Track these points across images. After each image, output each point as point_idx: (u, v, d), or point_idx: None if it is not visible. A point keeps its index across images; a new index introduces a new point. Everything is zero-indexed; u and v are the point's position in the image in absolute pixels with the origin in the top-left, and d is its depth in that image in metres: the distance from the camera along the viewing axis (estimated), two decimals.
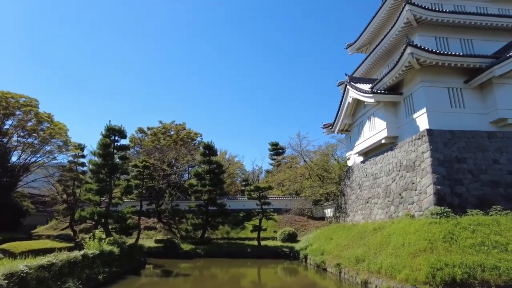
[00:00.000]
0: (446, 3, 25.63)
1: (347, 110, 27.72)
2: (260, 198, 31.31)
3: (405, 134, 21.74)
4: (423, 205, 17.42)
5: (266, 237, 33.89)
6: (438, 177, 17.57)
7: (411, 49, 19.11)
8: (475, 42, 23.76)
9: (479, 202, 17.09)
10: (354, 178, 28.47)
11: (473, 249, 12.57)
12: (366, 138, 25.82)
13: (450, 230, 13.89)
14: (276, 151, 64.01)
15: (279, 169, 50.55)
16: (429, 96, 20.14)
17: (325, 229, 29.40)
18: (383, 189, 22.45)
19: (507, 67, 19.00)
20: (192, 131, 53.57)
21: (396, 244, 14.94)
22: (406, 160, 20.55)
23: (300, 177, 42.51)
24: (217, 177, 35.28)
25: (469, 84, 20.53)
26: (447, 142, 19.07)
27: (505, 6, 26.40)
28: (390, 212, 20.56)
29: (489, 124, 20.06)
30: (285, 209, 39.71)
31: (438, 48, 22.63)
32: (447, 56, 19.76)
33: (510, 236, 13.16)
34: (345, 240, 21.00)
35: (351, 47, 33.95)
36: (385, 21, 28.31)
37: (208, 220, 33.52)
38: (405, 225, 16.18)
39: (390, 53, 26.40)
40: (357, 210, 25.86)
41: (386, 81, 22.41)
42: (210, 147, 35.29)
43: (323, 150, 44.47)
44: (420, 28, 23.15)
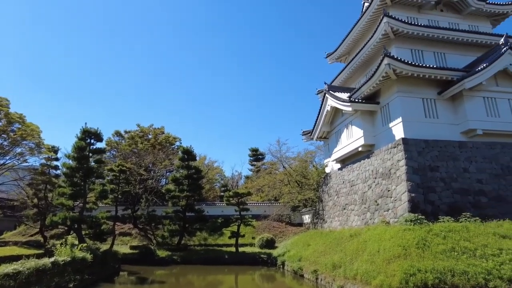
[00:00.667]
0: (421, 17, 26.69)
1: (325, 118, 28.19)
2: (239, 204, 31.18)
3: (381, 142, 22.32)
4: (398, 212, 17.87)
5: (244, 243, 33.71)
6: (412, 185, 18.10)
7: (388, 60, 19.73)
8: (447, 55, 24.83)
9: (450, 209, 17.70)
10: (332, 185, 28.88)
11: (444, 255, 12.98)
12: (343, 145, 26.31)
13: (423, 236, 14.29)
14: (256, 157, 64.05)
15: (259, 175, 50.57)
16: (404, 106, 20.81)
17: (303, 235, 29.60)
18: (360, 196, 22.88)
19: (476, 80, 19.94)
20: (171, 135, 52.88)
21: (372, 250, 15.21)
22: (382, 168, 21.06)
23: (279, 183, 42.69)
24: (196, 182, 34.89)
25: (442, 95, 21.39)
26: (421, 151, 19.72)
27: (475, 23, 27.77)
28: (366, 218, 20.96)
29: (460, 134, 20.94)
30: (264, 215, 39.72)
31: (414, 60, 23.49)
32: (421, 68, 20.53)
33: (478, 242, 13.69)
34: (322, 246, 21.20)
35: (330, 56, 34.66)
36: (364, 32, 29.13)
37: (185, 226, 33.03)
38: (381, 232, 16.52)
39: (368, 63, 27.12)
40: (334, 216, 26.21)
41: (364, 91, 23.00)
42: (189, 152, 34.89)
43: (302, 157, 44.93)
44: (397, 40, 23.96)
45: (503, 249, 13.11)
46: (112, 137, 52.12)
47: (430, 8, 26.93)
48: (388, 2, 25.80)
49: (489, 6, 27.34)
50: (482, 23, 28.11)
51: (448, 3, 27.20)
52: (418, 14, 26.84)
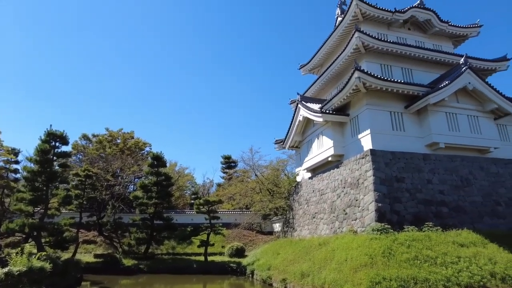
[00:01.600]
0: (391, 34, 27.94)
1: (297, 128, 28.63)
2: (209, 212, 30.78)
3: (351, 153, 22.93)
4: (365, 221, 18.33)
5: (213, 252, 33.26)
6: (379, 195, 18.66)
7: (358, 73, 20.41)
8: (414, 71, 26.06)
9: (414, 219, 18.39)
10: (302, 194, 29.23)
11: (408, 263, 13.44)
12: (314, 155, 26.77)
13: (389, 245, 14.73)
14: (229, 165, 63.77)
15: (231, 183, 50.34)
16: (373, 119, 21.56)
17: (272, 244, 29.61)
18: (329, 205, 23.29)
19: (439, 96, 21.05)
20: (140, 140, 51.65)
21: (340, 259, 15.47)
22: (351, 178, 21.60)
23: (251, 191, 42.68)
24: (165, 189, 34.16)
25: (409, 109, 22.37)
26: (388, 162, 20.43)
27: (438, 42, 29.42)
28: (335, 227, 21.33)
29: (425, 147, 21.94)
30: (235, 223, 39.45)
31: (383, 75, 24.45)
32: (390, 82, 21.41)
33: (439, 250, 14.31)
34: (291, 255, 21.29)
35: (304, 68, 35.38)
36: (336, 45, 30.03)
37: (153, 235, 32.15)
38: (348, 241, 16.86)
39: (339, 76, 27.91)
40: (304, 225, 26.47)
41: (335, 102, 23.62)
42: (159, 158, 34.17)
43: (274, 165, 45.24)
44: (368, 55, 24.88)
45: (461, 257, 13.79)
46: (79, 140, 50.25)
47: (398, 26, 28.26)
48: (360, 18, 26.80)
49: (451, 28, 29.08)
50: (445, 43, 29.84)
51: (415, 22, 28.66)
52: (387, 31, 28.08)
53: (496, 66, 27.33)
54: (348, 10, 26.85)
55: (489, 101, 22.87)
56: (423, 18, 28.11)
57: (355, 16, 26.65)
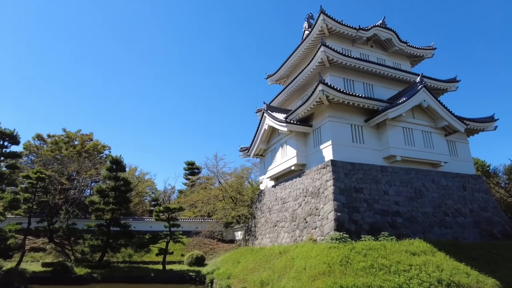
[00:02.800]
0: (354, 50, 29.17)
1: (263, 136, 28.88)
2: (169, 219, 29.97)
3: (313, 162, 23.45)
4: (325, 230, 18.72)
5: (172, 260, 32.37)
6: (338, 204, 19.18)
7: (322, 86, 21.04)
8: (375, 87, 27.32)
9: (371, 228, 19.07)
10: (265, 202, 29.37)
11: (364, 271, 13.85)
12: (278, 163, 27.08)
13: (346, 254, 15.13)
14: (192, 171, 62.78)
15: (193, 190, 49.47)
16: (334, 130, 22.26)
17: (233, 252, 29.36)
18: (290, 213, 23.57)
19: (397, 112, 22.18)
20: (99, 143, 49.50)
21: (299, 267, 15.62)
22: (312, 187, 22.05)
23: (214, 199, 42.19)
24: (123, 195, 32.86)
25: (368, 123, 23.34)
26: (348, 173, 21.11)
27: (398, 61, 31.17)
28: (295, 236, 21.57)
29: (383, 159, 22.96)
30: (195, 231, 38.75)
31: (346, 89, 25.39)
32: (352, 96, 22.26)
33: (393, 259, 14.90)
34: (252, 263, 21.20)
35: (271, 78, 35.92)
36: (302, 58, 30.82)
37: (109, 242, 30.69)
38: (308, 249, 17.10)
39: (304, 87, 28.60)
40: (266, 233, 26.55)
41: (299, 113, 24.13)
42: (118, 162, 32.88)
43: (238, 173, 45.15)
44: (332, 69, 25.75)
45: (413, 265, 14.47)
46: (32, 140, 47.18)
47: (362, 43, 29.60)
48: (326, 33, 27.76)
49: (409, 48, 30.95)
50: (404, 61, 31.66)
51: (377, 40, 30.17)
52: (352, 47, 29.30)
53: (447, 86, 29.38)
54: (315, 24, 27.72)
55: (441, 118, 24.46)
56: (385, 37, 29.66)
57: (322, 30, 27.56)
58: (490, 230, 23.27)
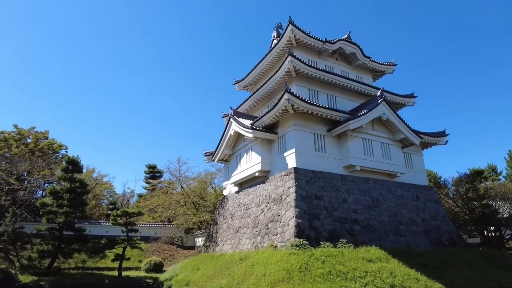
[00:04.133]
0: (320, 62, 30.07)
1: (228, 141, 28.80)
2: (127, 224, 28.85)
3: (276, 169, 23.73)
4: (285, 236, 18.92)
5: (129, 267, 31.12)
6: (299, 211, 19.50)
7: (288, 95, 21.45)
8: (338, 98, 28.27)
9: (330, 235, 19.54)
10: (228, 208, 29.20)
11: (322, 278, 14.13)
12: (242, 169, 27.10)
13: (306, 261, 15.37)
14: (153, 174, 61.07)
15: (154, 194, 48.06)
16: (298, 139, 22.72)
17: (193, 258, 28.82)
18: (253, 219, 23.60)
19: (358, 123, 23.08)
20: (55, 142, 46.82)
21: (259, 274, 15.63)
22: (275, 194, 22.27)
23: (175, 204, 41.20)
24: (79, 197, 31.15)
25: (331, 132, 24.07)
26: (310, 180, 21.58)
27: (361, 74, 32.53)
28: (256, 242, 21.61)
29: (343, 168, 23.72)
30: (155, 237, 37.63)
31: (310, 99, 26.04)
32: (316, 106, 22.87)
33: (350, 266, 15.36)
34: (211, 270, 20.93)
35: (238, 84, 36.04)
36: (270, 66, 31.27)
37: (61, 247, 28.92)
38: (268, 256, 17.18)
39: (271, 95, 28.97)
40: (227, 239, 26.35)
41: (265, 120, 24.39)
42: (75, 163, 31.19)
43: (202, 178, 44.55)
44: (298, 79, 26.33)
45: (368, 271, 14.98)
46: None
47: (328, 55, 30.59)
48: (294, 43, 28.40)
49: (372, 63, 32.43)
50: (366, 75, 33.10)
51: (342, 54, 31.32)
52: (318, 58, 30.18)
53: (405, 101, 31.06)
54: (283, 34, 28.28)
55: (398, 131, 25.76)
56: (349, 51, 30.87)
57: (290, 41, 28.17)
58: (439, 238, 24.71)
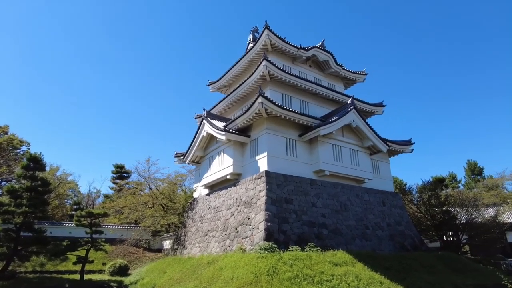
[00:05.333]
0: (294, 68, 30.51)
1: (200, 143, 28.50)
2: (91, 225, 27.77)
3: (248, 172, 23.75)
4: (255, 240, 18.94)
5: (92, 270, 29.98)
6: (269, 214, 19.60)
7: (262, 99, 21.59)
8: (310, 104, 28.78)
9: (299, 239, 19.77)
10: (197, 210, 28.84)
11: (290, 281, 14.24)
12: (214, 172, 26.89)
13: (274, 264, 15.43)
14: (121, 175, 59.35)
15: (121, 195, 46.64)
16: (271, 142, 22.89)
17: (160, 261, 28.18)
18: (222, 222, 23.45)
19: (328, 129, 23.59)
20: (16, 138, 44.33)
21: (226, 277, 15.52)
22: (245, 197, 22.26)
23: (143, 206, 40.18)
24: (41, 196, 29.58)
25: (302, 137, 24.44)
26: (280, 184, 21.77)
27: (333, 82, 33.32)
28: (225, 245, 21.47)
29: (313, 173, 24.14)
30: (120, 239, 36.48)
31: (283, 104, 26.34)
32: (288, 111, 23.15)
33: (317, 269, 15.59)
34: (178, 273, 20.55)
35: (213, 85, 35.78)
36: (245, 69, 31.32)
37: (18, 249, 27.34)
38: (237, 259, 17.10)
39: (245, 98, 29.01)
40: (196, 242, 26.01)
41: (238, 123, 24.38)
42: (37, 160, 29.66)
43: (172, 179, 43.78)
44: (272, 83, 26.56)
45: (335, 275, 15.27)
46: None
47: (302, 61, 31.09)
48: (269, 48, 28.65)
49: (344, 71, 33.31)
50: (338, 83, 33.94)
51: (316, 61, 31.96)
52: (292, 64, 30.61)
53: (374, 109, 32.12)
54: (259, 38, 28.47)
55: (367, 138, 26.57)
56: (323, 58, 31.55)
57: (265, 45, 28.40)
58: (402, 242, 25.66)
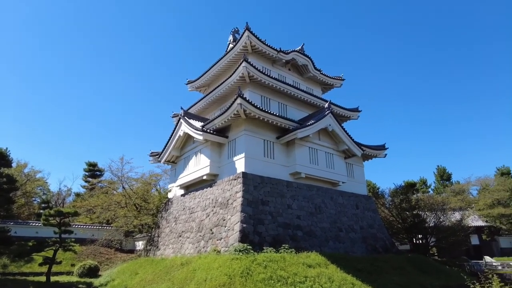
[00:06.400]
0: (274, 70, 30.70)
1: (177, 142, 28.09)
2: (60, 225, 26.72)
3: (225, 173, 23.63)
4: (229, 241, 18.86)
5: (60, 271, 28.84)
6: (245, 216, 19.58)
7: (240, 100, 21.57)
8: (289, 107, 29.03)
9: (274, 240, 19.85)
10: (172, 211, 28.40)
11: (263, 283, 14.27)
12: (190, 172, 26.58)
13: (248, 265, 15.42)
14: (93, 173, 57.65)
15: (93, 194, 45.17)
16: (248, 144, 22.89)
17: (132, 262, 27.49)
18: (197, 223, 23.20)
19: (306, 132, 23.88)
20: None
21: (200, 279, 15.36)
22: (222, 198, 22.14)
23: (116, 205, 39.08)
24: (6, 194, 28.41)
25: (280, 140, 24.60)
26: (257, 186, 21.80)
27: (311, 86, 33.77)
28: (200, 247, 21.25)
29: (289, 175, 24.34)
30: (91, 239, 35.33)
31: (262, 106, 26.43)
32: (267, 113, 23.25)
33: (291, 271, 15.71)
34: (151, 275, 20.13)
35: (191, 84, 35.41)
36: (225, 69, 31.20)
37: None
38: (211, 261, 16.96)
39: (224, 98, 28.87)
40: (169, 243, 25.59)
41: (216, 123, 24.24)
42: (2, 155, 28.44)
43: (146, 179, 42.86)
44: (251, 85, 26.59)
45: (308, 276, 15.44)
46: None
47: (281, 64, 31.33)
48: (249, 50, 28.68)
49: (322, 76, 33.84)
50: (316, 87, 34.44)
51: (295, 64, 32.27)
52: (271, 67, 30.77)
53: (350, 114, 32.81)
54: (239, 39, 28.45)
55: (342, 142, 27.09)
56: (302, 62, 31.91)
57: (245, 47, 28.41)
58: (374, 245, 26.31)
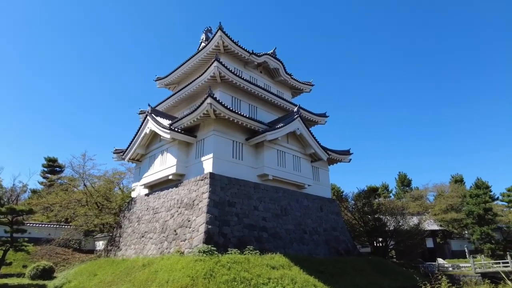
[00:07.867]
0: (246, 72, 30.75)
1: (142, 140, 27.33)
2: (12, 223, 25.13)
3: (192, 173, 23.30)
4: (194, 242, 18.59)
5: (10, 273, 27.02)
6: (211, 217, 19.40)
7: (211, 100, 21.39)
8: (259, 109, 29.18)
9: (239, 242, 19.81)
10: (135, 211, 27.58)
11: (226, 284, 14.19)
12: (156, 171, 25.95)
13: (211, 267, 15.28)
14: (53, 169, 54.68)
15: (51, 191, 42.81)
16: (217, 144, 22.73)
17: (91, 263, 26.37)
18: (161, 224, 22.69)
19: (274, 135, 24.10)
20: None
21: (162, 280, 15.01)
22: (187, 198, 21.80)
23: (75, 203, 37.32)
24: None
25: (249, 141, 24.65)
26: (224, 187, 21.68)
27: (282, 90, 34.21)
28: (163, 248, 20.78)
29: (257, 177, 24.43)
30: (48, 239, 33.46)
31: (233, 107, 26.37)
32: (237, 115, 23.22)
33: (255, 272, 15.74)
34: (110, 276, 19.41)
35: (160, 81, 34.63)
36: (196, 68, 30.83)
37: None
38: (173, 262, 16.64)
39: (194, 97, 28.50)
40: (131, 244, 24.82)
41: (185, 122, 23.87)
42: None
43: (109, 177, 41.25)
44: (222, 85, 26.46)
45: (271, 278, 15.54)
46: None
47: (253, 67, 31.44)
48: (222, 50, 28.53)
49: (292, 80, 34.35)
50: (286, 91, 34.90)
51: (267, 67, 32.54)
52: (243, 68, 30.80)
53: (318, 119, 33.53)
54: (212, 39, 28.23)
55: (309, 146, 27.59)
56: (273, 66, 32.22)
57: (218, 46, 28.24)
58: (337, 247, 26.98)
